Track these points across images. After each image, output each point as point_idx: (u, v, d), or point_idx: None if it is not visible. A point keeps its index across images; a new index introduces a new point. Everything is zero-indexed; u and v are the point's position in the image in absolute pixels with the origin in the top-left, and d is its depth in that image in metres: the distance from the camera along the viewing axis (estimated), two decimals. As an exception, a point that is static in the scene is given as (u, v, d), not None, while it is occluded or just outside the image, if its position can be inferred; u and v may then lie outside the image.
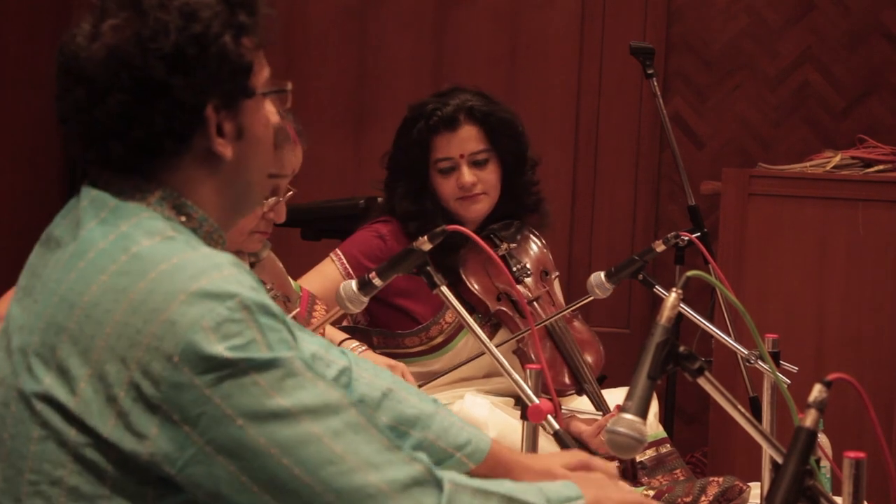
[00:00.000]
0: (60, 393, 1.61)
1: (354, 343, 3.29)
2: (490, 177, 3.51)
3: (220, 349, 1.57)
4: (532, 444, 2.36)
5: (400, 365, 3.20)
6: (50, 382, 1.62)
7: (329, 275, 3.45)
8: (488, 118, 3.50)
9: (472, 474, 2.08)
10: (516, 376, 2.41)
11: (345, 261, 3.47)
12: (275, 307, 1.64)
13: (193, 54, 1.69)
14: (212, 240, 1.76)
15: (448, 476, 1.70)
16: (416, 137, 3.49)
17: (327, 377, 1.66)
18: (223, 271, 1.63)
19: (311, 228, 4.64)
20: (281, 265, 3.21)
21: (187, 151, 1.73)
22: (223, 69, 1.72)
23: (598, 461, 2.12)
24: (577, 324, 3.68)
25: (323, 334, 3.07)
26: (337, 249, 3.52)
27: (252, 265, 3.14)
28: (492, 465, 2.13)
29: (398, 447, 1.66)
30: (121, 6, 1.71)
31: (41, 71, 5.38)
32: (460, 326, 3.44)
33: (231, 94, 1.74)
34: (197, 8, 1.71)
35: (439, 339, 3.49)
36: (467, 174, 3.47)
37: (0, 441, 1.67)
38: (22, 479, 1.64)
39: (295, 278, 3.28)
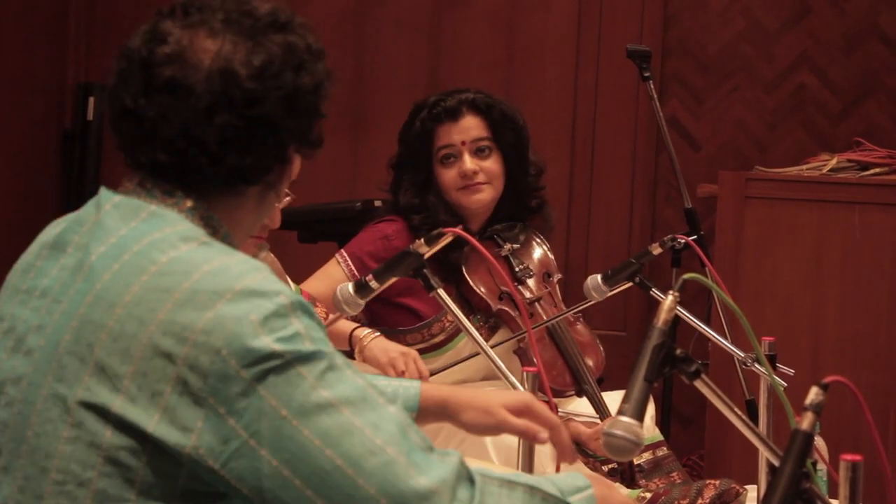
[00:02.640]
0: (101, 391, 1.62)
1: (367, 330, 3.29)
2: (492, 167, 3.54)
3: (267, 341, 1.60)
4: (528, 448, 2.36)
5: (412, 351, 3.21)
6: (88, 381, 1.63)
7: (334, 276, 3.45)
8: (490, 109, 3.54)
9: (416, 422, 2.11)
10: (513, 379, 2.41)
11: (350, 262, 3.48)
12: (312, 309, 1.67)
13: (307, 101, 1.78)
14: None
15: (477, 469, 1.71)
16: (419, 128, 3.53)
17: (361, 374, 1.68)
18: (263, 273, 1.67)
19: (308, 231, 4.65)
20: (279, 265, 3.22)
21: (254, 185, 1.79)
22: (315, 120, 1.82)
23: (539, 404, 2.14)
24: (579, 326, 3.70)
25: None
26: (342, 250, 3.52)
27: None
28: (433, 409, 2.15)
29: (431, 447, 1.67)
30: (239, 33, 1.75)
31: (38, 74, 5.38)
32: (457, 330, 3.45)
33: (309, 143, 1.84)
34: (312, 59, 1.79)
35: (440, 338, 3.50)
36: (469, 161, 3.50)
37: (21, 439, 1.67)
38: (47, 478, 1.64)
39: (293, 280, 3.28)
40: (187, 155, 1.73)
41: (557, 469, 2.56)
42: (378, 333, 3.31)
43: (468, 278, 3.51)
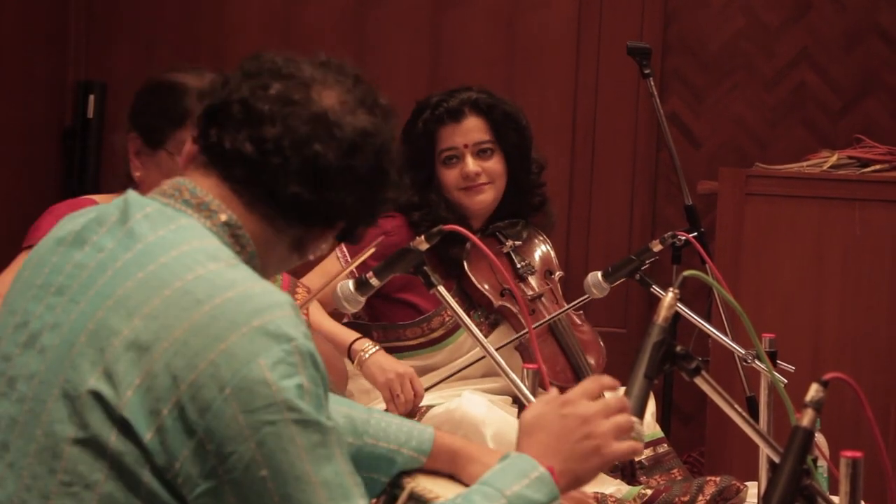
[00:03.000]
0: (108, 394, 1.63)
1: (367, 343, 3.31)
2: (494, 167, 3.55)
3: (272, 389, 1.61)
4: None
5: (408, 371, 3.22)
6: (95, 383, 1.64)
7: (332, 272, 3.45)
8: (493, 110, 3.54)
9: (424, 468, 2.12)
10: (513, 376, 2.42)
11: (349, 257, 3.48)
12: (321, 362, 1.68)
13: (382, 187, 1.84)
14: None
15: None
16: (421, 129, 3.54)
17: (350, 461, 1.70)
18: (284, 311, 1.67)
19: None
20: None
21: (292, 228, 1.81)
22: (375, 214, 1.88)
23: None
24: (580, 323, 3.70)
25: (307, 315, 3.07)
26: (340, 246, 3.52)
27: None
28: (444, 457, 2.15)
29: None
30: (358, 98, 1.82)
31: (38, 71, 5.38)
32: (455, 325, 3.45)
33: (352, 231, 1.88)
34: (399, 173, 1.87)
35: (440, 332, 3.50)
36: (471, 163, 3.51)
37: (31, 437, 1.67)
38: (54, 478, 1.64)
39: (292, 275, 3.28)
40: (269, 160, 1.75)
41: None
42: (377, 348, 3.32)
43: (469, 274, 3.51)
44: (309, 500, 1.62)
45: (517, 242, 3.64)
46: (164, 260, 1.69)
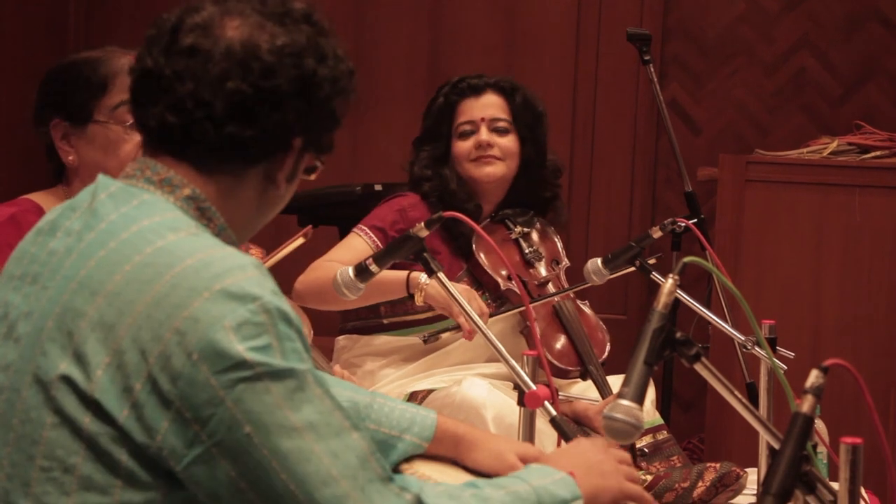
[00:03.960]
0: (78, 378, 1.62)
1: (422, 274, 3.28)
2: (508, 144, 3.59)
3: (239, 349, 1.59)
4: (528, 430, 2.36)
5: (471, 290, 3.24)
6: (66, 367, 1.63)
7: (358, 247, 3.45)
8: (514, 92, 3.63)
9: (427, 453, 2.11)
10: (513, 362, 2.41)
11: (371, 234, 3.49)
12: (293, 315, 1.65)
13: (321, 90, 1.78)
14: None
15: (444, 491, 1.72)
16: (441, 102, 3.62)
17: (335, 397, 1.67)
18: (247, 272, 1.65)
19: (307, 215, 4.65)
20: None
21: (252, 166, 1.78)
22: (328, 118, 1.81)
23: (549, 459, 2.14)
24: (585, 310, 3.71)
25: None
26: (360, 225, 3.52)
27: None
28: (447, 442, 2.14)
29: (391, 479, 1.68)
30: (269, 18, 1.78)
31: (38, 64, 5.37)
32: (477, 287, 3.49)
33: (317, 141, 1.82)
34: (332, 57, 1.81)
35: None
36: (485, 133, 3.55)
37: (9, 426, 1.68)
38: (33, 464, 1.64)
39: (294, 263, 3.28)
40: (193, 117, 1.73)
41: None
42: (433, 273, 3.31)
43: (477, 256, 3.53)
44: (298, 446, 1.61)
45: (526, 229, 3.67)
46: (125, 236, 1.68)
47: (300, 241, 3.12)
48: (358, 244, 3.48)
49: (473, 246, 3.54)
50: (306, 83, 1.76)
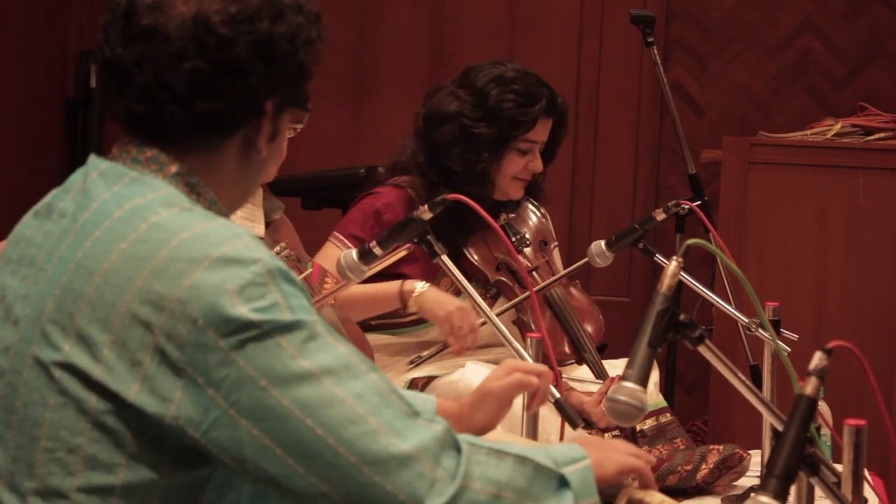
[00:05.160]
0: (82, 360, 1.62)
1: (415, 282, 3.28)
2: None
3: (244, 311, 1.59)
4: (532, 416, 2.36)
5: (466, 305, 3.17)
6: (69, 349, 1.63)
7: (334, 258, 3.42)
8: (563, 118, 3.58)
9: None
10: (517, 345, 2.41)
11: (349, 244, 3.42)
12: (294, 275, 1.66)
13: (281, 50, 1.75)
14: None
15: (464, 437, 1.71)
16: (528, 116, 3.46)
17: (348, 343, 1.67)
18: (243, 240, 1.65)
19: (311, 198, 4.65)
20: (292, 227, 3.22)
21: (229, 137, 1.77)
22: (296, 73, 1.78)
23: (518, 361, 2.21)
24: (575, 292, 3.68)
25: (334, 304, 3.06)
26: (336, 233, 3.48)
27: (267, 225, 3.15)
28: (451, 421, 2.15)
29: (417, 413, 1.67)
30: None
31: (40, 41, 5.37)
32: (456, 293, 3.43)
33: (290, 98, 1.80)
34: (289, 10, 1.77)
35: None
36: (540, 163, 3.52)
37: (11, 409, 1.68)
38: (37, 446, 1.64)
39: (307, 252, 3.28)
40: (159, 102, 1.72)
41: (561, 438, 2.57)
42: (427, 284, 3.29)
43: (465, 250, 3.49)
44: (319, 392, 1.60)
45: (511, 215, 3.62)
46: (119, 214, 1.68)
47: (402, 253, 3.05)
48: (334, 256, 3.45)
49: (462, 247, 3.48)
50: (264, 46, 1.74)
